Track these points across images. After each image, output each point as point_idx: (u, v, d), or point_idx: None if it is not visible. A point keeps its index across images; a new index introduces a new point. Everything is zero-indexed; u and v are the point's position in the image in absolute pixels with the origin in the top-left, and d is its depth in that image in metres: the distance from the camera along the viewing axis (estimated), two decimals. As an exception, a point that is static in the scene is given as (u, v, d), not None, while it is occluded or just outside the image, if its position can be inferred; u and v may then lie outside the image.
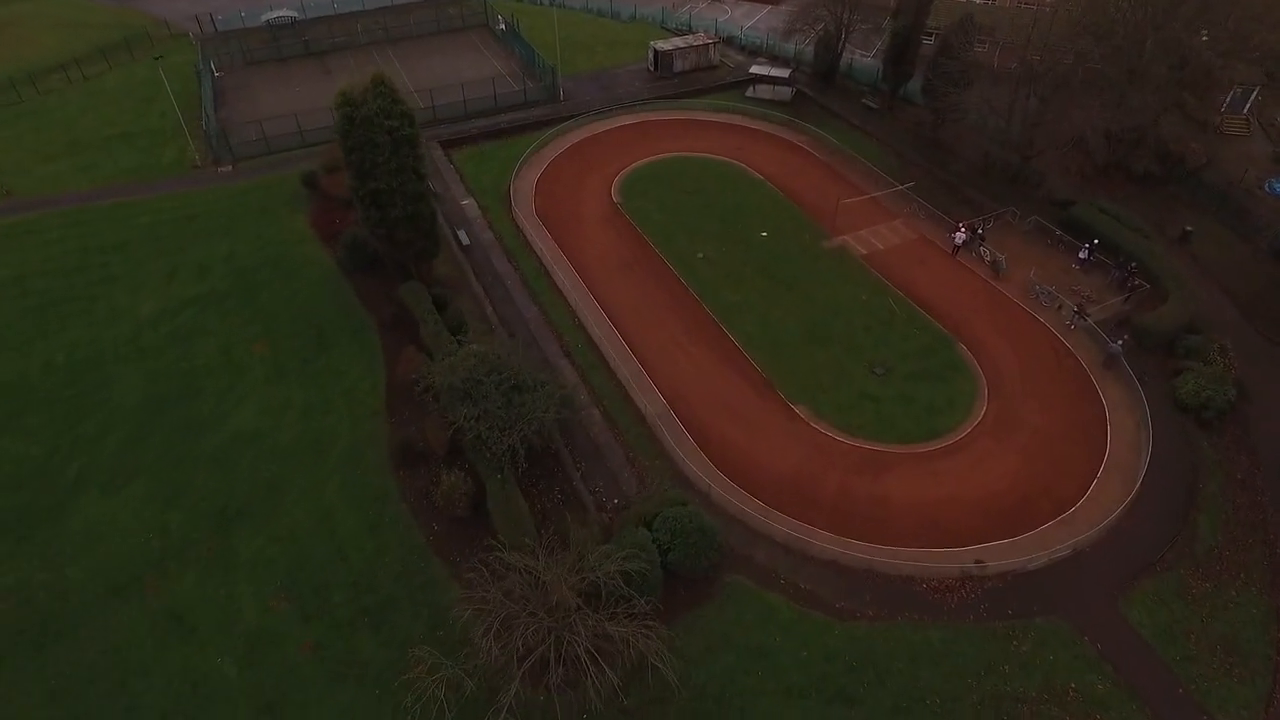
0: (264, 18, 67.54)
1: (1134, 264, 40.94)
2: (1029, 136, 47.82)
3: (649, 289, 41.61)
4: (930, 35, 57.51)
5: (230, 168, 50.43)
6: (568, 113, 56.59)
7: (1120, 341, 36.34)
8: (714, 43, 62.80)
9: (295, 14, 68.68)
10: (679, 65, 61.97)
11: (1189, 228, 45.02)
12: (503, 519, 27.23)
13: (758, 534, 29.60)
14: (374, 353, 36.13)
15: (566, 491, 30.60)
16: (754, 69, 60.34)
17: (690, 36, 64.05)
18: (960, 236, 43.39)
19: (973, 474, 31.98)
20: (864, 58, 64.27)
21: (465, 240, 44.02)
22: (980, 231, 44.16)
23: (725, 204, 47.91)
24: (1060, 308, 40.09)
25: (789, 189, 49.37)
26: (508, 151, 52.73)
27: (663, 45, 61.94)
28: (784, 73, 59.30)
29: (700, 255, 43.82)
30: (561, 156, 52.89)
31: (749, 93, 60.17)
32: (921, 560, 28.51)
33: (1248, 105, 56.70)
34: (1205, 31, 45.42)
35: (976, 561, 28.43)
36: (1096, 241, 42.54)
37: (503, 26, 68.40)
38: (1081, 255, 42.79)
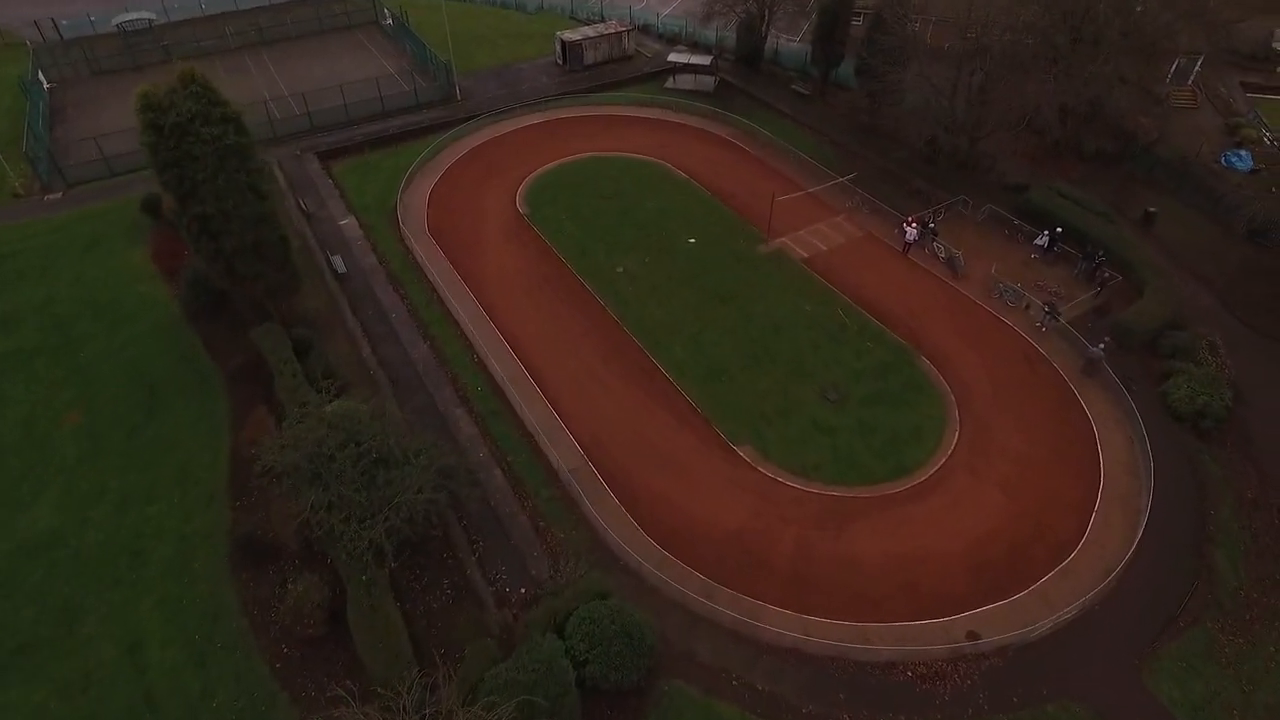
0: (114, 21, 59.09)
1: (1102, 253, 36.56)
2: (976, 116, 43.25)
3: (562, 313, 35.51)
4: (859, 16, 52.85)
5: (60, 195, 42.42)
6: (466, 114, 50.07)
7: (1102, 344, 31.73)
8: (627, 31, 57.03)
9: (152, 16, 60.39)
10: (590, 57, 56.01)
11: (1151, 209, 41.01)
12: (366, 640, 20.78)
13: (700, 619, 23.75)
14: (217, 416, 29.13)
15: (459, 584, 24.25)
16: (672, 57, 54.79)
17: (601, 25, 58.15)
18: (911, 232, 38.47)
19: (952, 518, 26.76)
20: (790, 42, 59.44)
21: (341, 268, 37.19)
22: (932, 225, 39.34)
23: (647, 209, 42.11)
24: (1028, 307, 35.42)
25: (718, 188, 43.84)
26: (396, 160, 45.93)
27: (570, 36, 55.89)
28: (705, 59, 53.88)
29: (620, 269, 37.91)
30: (459, 163, 46.36)
31: (669, 84, 54.60)
32: (904, 640, 23.08)
33: (1192, 75, 53.56)
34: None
35: (969, 636, 23.11)
36: (1060, 230, 38.07)
37: (389, 21, 61.39)
38: (1040, 243, 38.33)
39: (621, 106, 52.05)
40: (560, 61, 56.52)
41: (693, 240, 39.80)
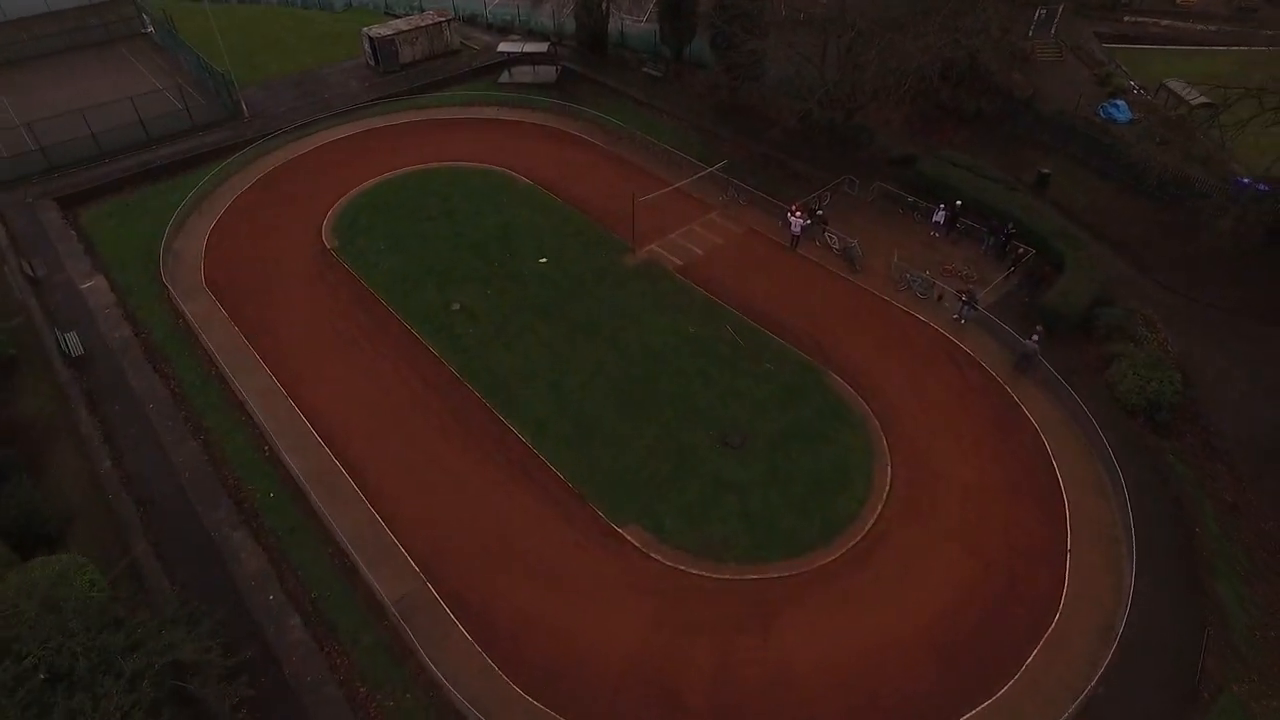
0: None
1: (1012, 225, 32.03)
2: (851, 84, 38.17)
3: (385, 372, 27.63)
4: (706, -14, 47.18)
5: None
6: (255, 133, 40.92)
7: (1035, 336, 26.87)
8: (448, 21, 49.10)
9: None
10: (406, 54, 47.78)
11: (1045, 170, 37.10)
12: None
13: (596, 807, 16.76)
14: None
15: (230, 826, 16.21)
16: (503, 47, 47.38)
17: (415, 17, 49.94)
18: (797, 223, 32.80)
19: (904, 588, 20.91)
20: (637, 23, 53.18)
21: (76, 349, 27.78)
22: (819, 212, 33.84)
23: (486, 227, 34.66)
24: (941, 297, 30.37)
25: (570, 194, 36.89)
26: (165, 198, 36.42)
27: (380, 31, 47.46)
28: (541, 46, 46.80)
29: (456, 306, 30.34)
30: (247, 194, 37.33)
31: (503, 78, 47.23)
32: (872, 788, 16.92)
33: (1054, 27, 50.97)
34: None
35: (956, 768, 17.21)
36: (960, 203, 33.34)
37: (150, 29, 50.96)
38: (937, 219, 33.54)
39: (449, 108, 44.23)
40: (372, 62, 48.01)
41: (544, 260, 32.70)
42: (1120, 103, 42.37)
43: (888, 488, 23.49)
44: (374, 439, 25.22)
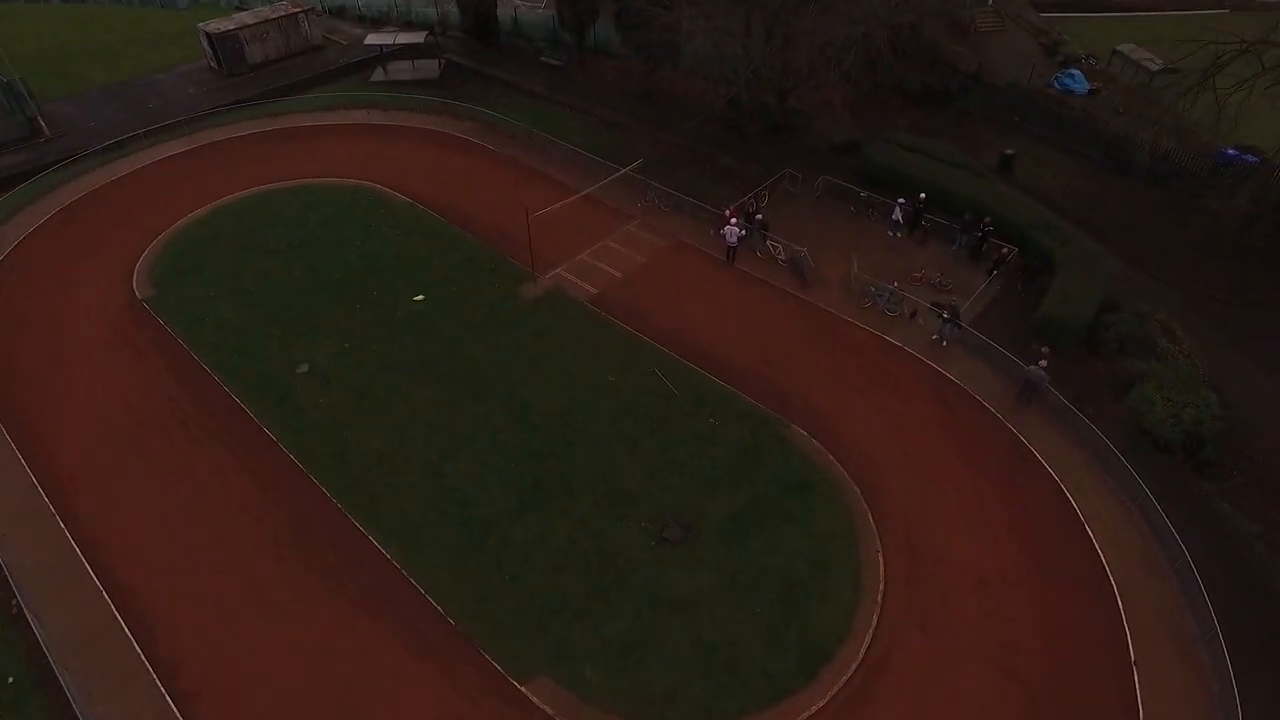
0: None
1: (988, 220, 26.66)
2: (782, 60, 32.37)
3: (200, 470, 20.42)
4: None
5: None
6: (56, 156, 32.76)
7: (1042, 361, 21.37)
8: (304, 13, 41.47)
9: None
10: (256, 53, 40.04)
11: (1008, 150, 31.99)
12: None
13: None
14: None
15: None
16: (371, 39, 40.13)
17: (266, 9, 42.12)
18: (733, 231, 26.74)
19: (923, 745, 15.00)
20: (534, 9, 46.42)
21: None
22: (759, 216, 27.87)
23: (348, 260, 27.60)
24: (914, 313, 24.77)
25: (456, 211, 30.08)
26: (-75, 245, 28.19)
27: (220, 26, 39.57)
28: (417, 37, 39.75)
29: (304, 369, 23.27)
30: (40, 233, 29.33)
31: (377, 76, 40.02)
32: None
33: (991, -5, 46.38)
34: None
35: None
36: (924, 197, 27.82)
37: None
38: (896, 216, 27.99)
39: (309, 115, 36.77)
40: (215, 65, 40.08)
41: (421, 298, 25.85)
42: (1076, 72, 37.76)
43: (881, 587, 17.56)
44: (178, 573, 18.06)
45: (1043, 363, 21.10)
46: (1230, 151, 29.86)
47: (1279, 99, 24.33)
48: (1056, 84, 37.33)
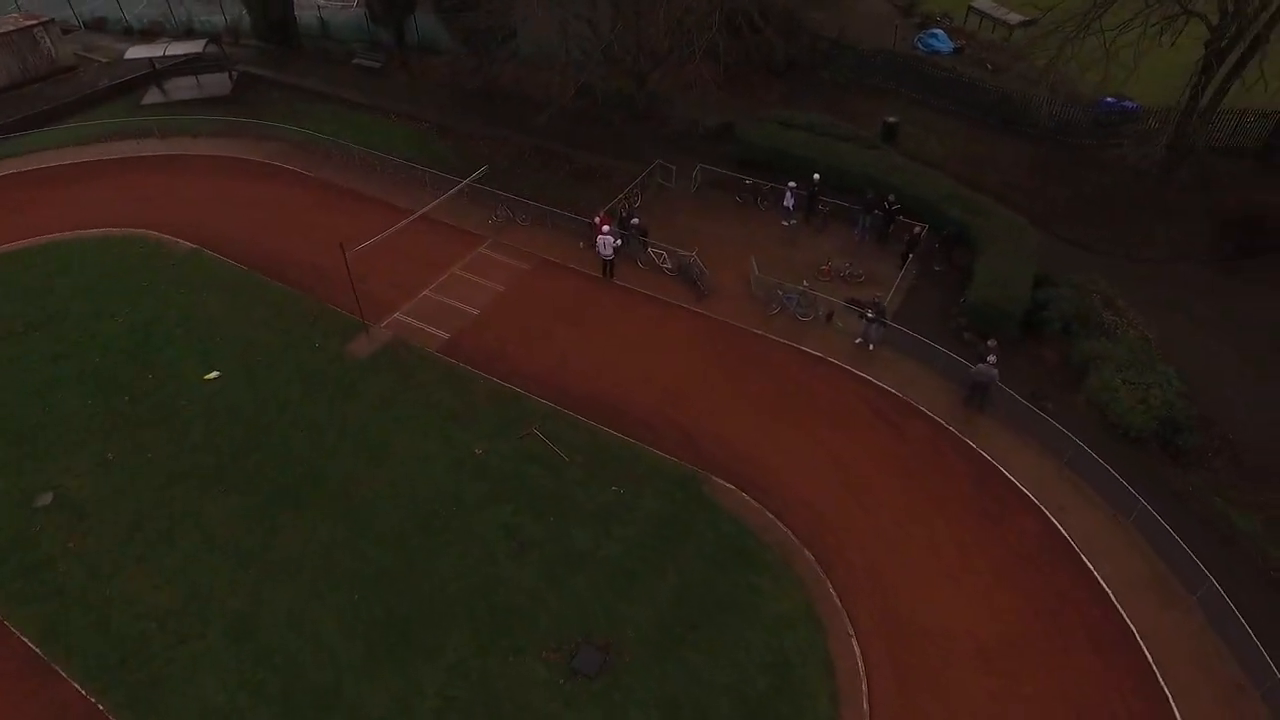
0: None
1: (891, 197, 23.36)
2: (636, 40, 28.13)
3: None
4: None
5: None
6: None
7: (990, 358, 18.01)
8: (39, 26, 33.44)
9: None
10: (-21, 81, 31.85)
11: (890, 119, 29.11)
12: None
13: None
14: None
15: None
16: (133, 53, 32.77)
17: (-11, 24, 33.78)
18: (608, 241, 22.16)
19: None
20: (346, 8, 40.12)
21: None
22: (635, 221, 23.41)
23: (111, 336, 20.99)
24: (831, 315, 21.06)
25: (260, 253, 23.94)
26: None
27: (-77, 50, 31.12)
28: (194, 47, 32.85)
29: (46, 501, 16.78)
30: None
31: (151, 98, 32.76)
32: None
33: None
34: None
35: None
36: (818, 178, 24.25)
37: None
38: (788, 203, 24.32)
39: (61, 152, 29.23)
40: (-77, 100, 31.54)
41: (215, 375, 19.73)
42: (938, 32, 35.78)
43: (864, 686, 13.47)
44: None
45: (991, 359, 17.77)
46: (1110, 100, 28.23)
47: (1168, 41, 22.33)
48: (921, 45, 35.18)
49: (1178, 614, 14.33)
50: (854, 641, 14.10)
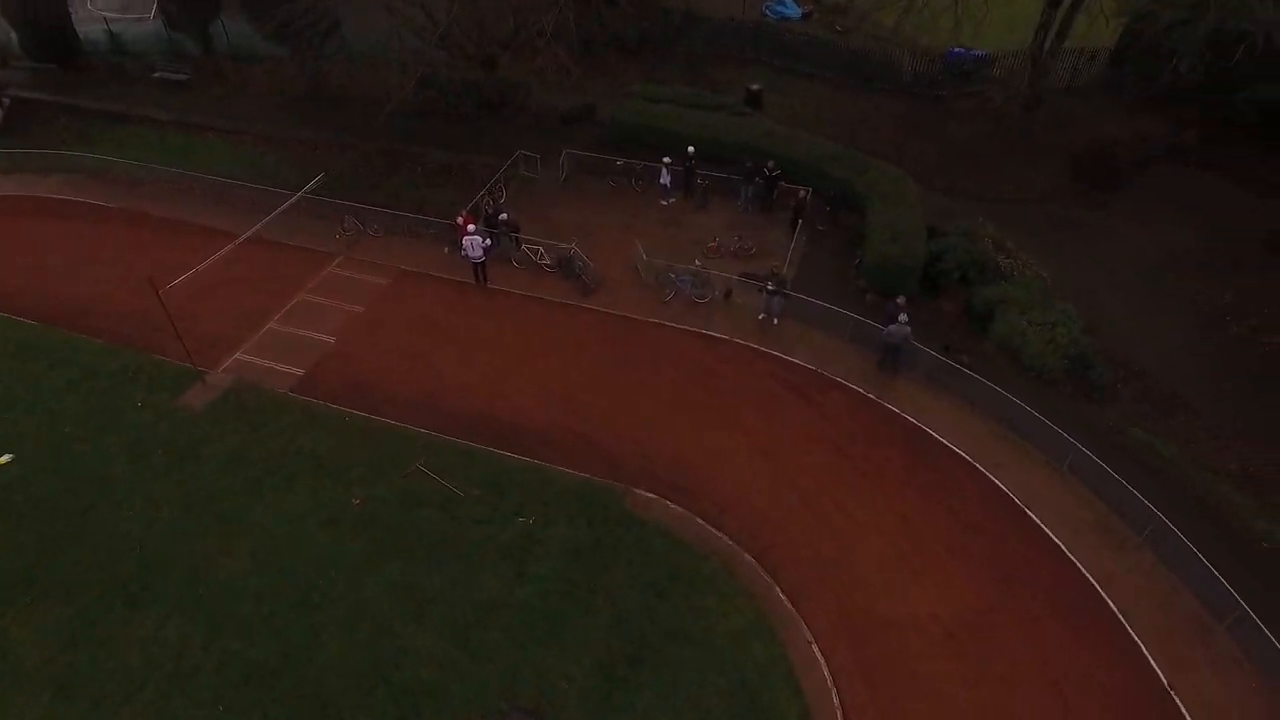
0: None
1: (771, 163, 22.21)
2: (477, 23, 25.80)
3: None
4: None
5: None
6: None
7: (902, 317, 17.01)
8: None
9: None
10: None
11: (753, 86, 28.17)
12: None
13: None
14: None
15: None
16: None
17: None
18: (476, 242, 19.79)
19: None
20: (141, 20, 35.37)
21: None
22: (504, 217, 21.11)
23: None
24: (729, 293, 19.65)
25: (55, 305, 19.99)
26: None
27: None
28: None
29: None
30: None
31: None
32: None
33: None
34: None
35: None
36: (693, 151, 22.78)
37: None
38: (665, 181, 22.77)
39: None
40: None
41: (7, 459, 15.98)
42: (786, -1, 35.32)
43: (836, 698, 12.02)
44: None
45: (903, 318, 16.81)
46: (958, 50, 28.44)
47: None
48: (769, 12, 34.64)
49: (1130, 556, 13.75)
50: (815, 648, 12.65)
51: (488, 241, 19.84)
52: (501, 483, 15.17)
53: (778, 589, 13.39)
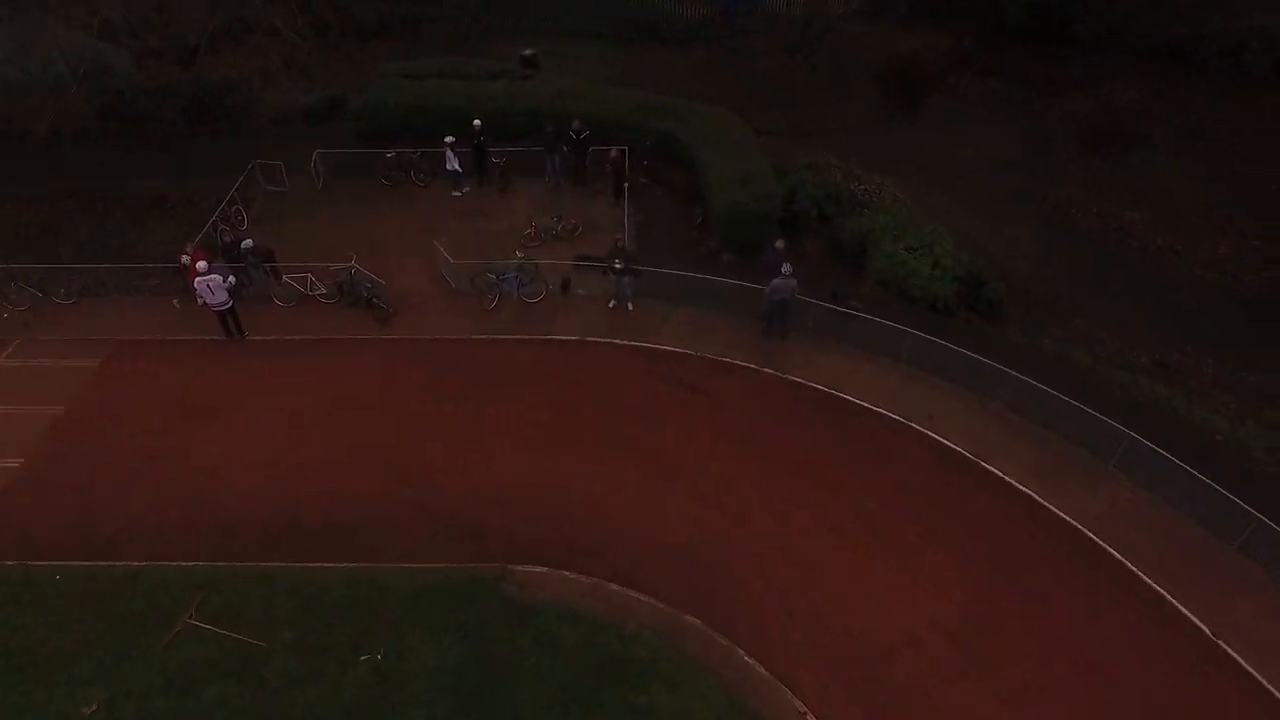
0: None
1: (577, 124, 18.51)
2: (161, 18, 19.93)
3: None
4: None
5: None
6: None
7: (785, 266, 14.09)
8: None
9: None
10: None
11: (527, 51, 24.45)
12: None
13: None
14: None
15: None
16: None
17: None
18: (213, 284, 14.37)
19: None
20: None
21: None
22: (248, 243, 15.74)
23: None
24: (567, 284, 15.88)
25: None
26: None
27: None
28: None
29: None
30: None
31: None
32: None
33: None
34: None
35: None
36: (480, 125, 18.54)
37: None
38: (453, 166, 18.43)
39: None
40: None
41: None
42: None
43: (863, 782, 8.86)
44: None
45: (787, 268, 13.97)
46: (728, -4, 26.85)
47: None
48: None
49: (1107, 488, 11.83)
50: (804, 710, 9.40)
51: (230, 280, 14.55)
52: (322, 610, 10.49)
53: (740, 651, 10.01)
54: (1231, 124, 21.09)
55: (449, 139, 18.14)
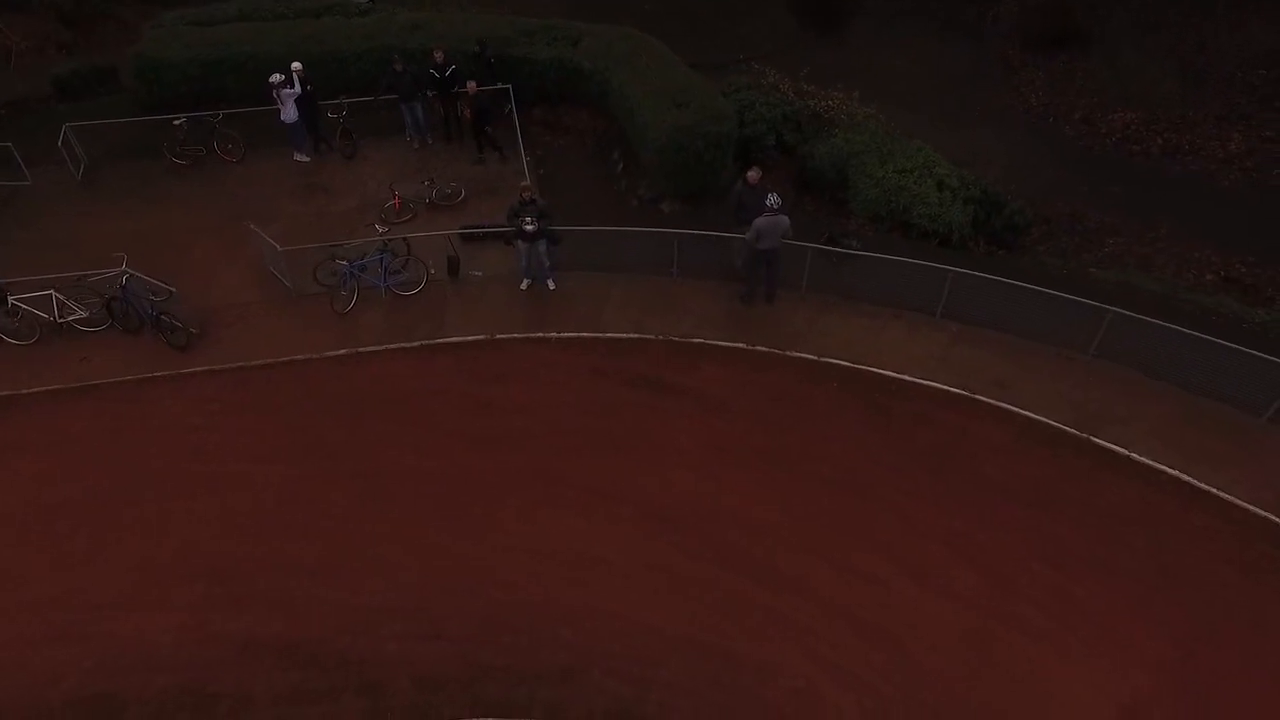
0: None
1: (441, 57, 13.66)
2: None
3: None
4: None
5: None
6: None
7: (772, 197, 9.91)
8: None
9: None
10: None
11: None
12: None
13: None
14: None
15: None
16: None
17: None
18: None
19: None
20: None
21: None
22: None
23: None
24: (456, 269, 11.19)
25: None
26: None
27: None
28: None
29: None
30: None
31: None
32: None
33: None
34: None
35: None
36: (299, 69, 13.40)
37: None
38: (288, 117, 13.26)
39: None
40: None
41: None
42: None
43: None
44: None
45: (774, 198, 9.83)
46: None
47: None
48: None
49: (1158, 404, 8.44)
50: None
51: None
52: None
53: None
54: (1181, 6, 18.80)
55: (276, 77, 12.96)
